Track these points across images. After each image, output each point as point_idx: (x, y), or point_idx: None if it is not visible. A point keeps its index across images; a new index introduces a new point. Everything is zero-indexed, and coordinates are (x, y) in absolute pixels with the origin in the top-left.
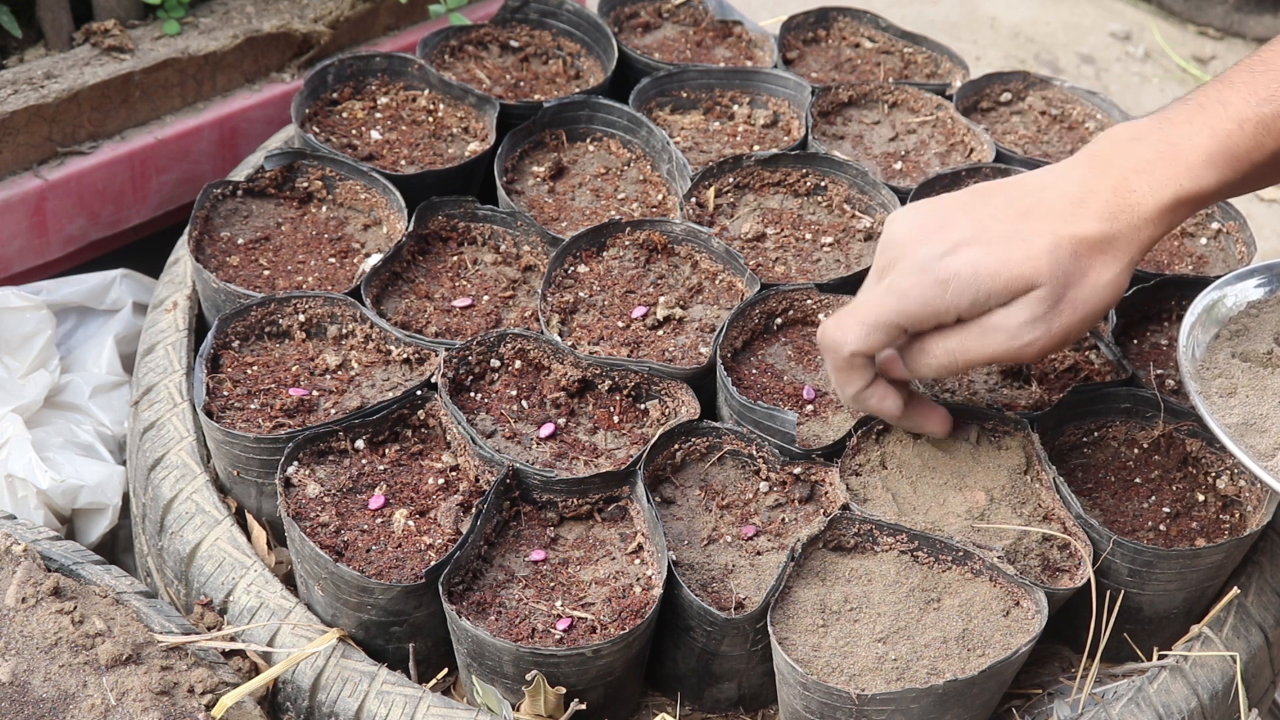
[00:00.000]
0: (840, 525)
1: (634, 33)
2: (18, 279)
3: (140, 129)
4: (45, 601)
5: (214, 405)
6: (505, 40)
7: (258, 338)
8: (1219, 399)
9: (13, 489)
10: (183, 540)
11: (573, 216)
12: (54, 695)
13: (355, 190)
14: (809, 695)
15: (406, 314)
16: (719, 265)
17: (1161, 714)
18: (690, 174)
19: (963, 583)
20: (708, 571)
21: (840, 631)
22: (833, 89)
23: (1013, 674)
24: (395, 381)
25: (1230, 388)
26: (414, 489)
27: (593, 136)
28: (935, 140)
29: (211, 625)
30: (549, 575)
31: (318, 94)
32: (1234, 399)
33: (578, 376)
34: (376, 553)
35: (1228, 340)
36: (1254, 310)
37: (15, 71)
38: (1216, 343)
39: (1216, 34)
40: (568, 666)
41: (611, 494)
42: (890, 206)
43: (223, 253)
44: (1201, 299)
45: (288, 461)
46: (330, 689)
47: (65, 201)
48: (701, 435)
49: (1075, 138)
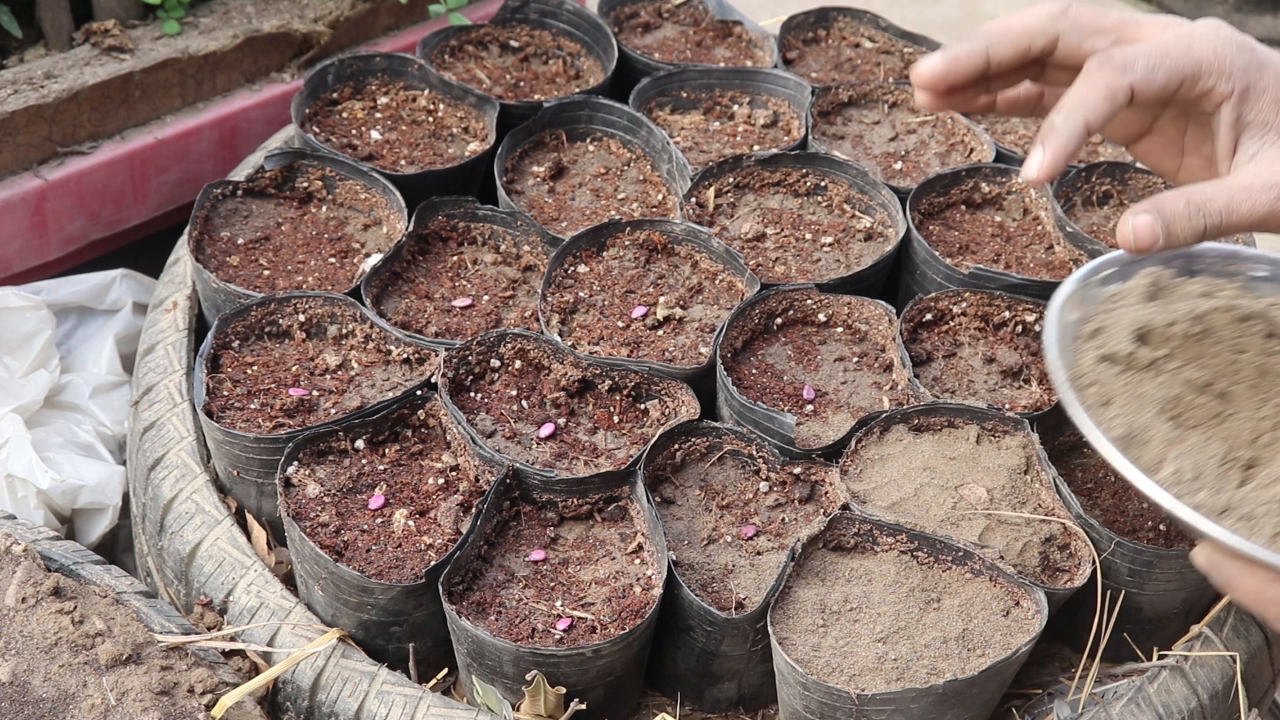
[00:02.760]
0: (840, 525)
1: (634, 33)
2: (18, 279)
3: (140, 129)
4: (45, 601)
5: (214, 405)
6: (505, 40)
7: (258, 338)
8: (1097, 410)
9: (13, 489)
10: (183, 540)
11: (573, 216)
12: (54, 695)
13: (355, 190)
14: (809, 695)
15: (406, 314)
16: (719, 265)
17: (1161, 714)
18: (690, 174)
19: (963, 583)
20: (708, 571)
21: (840, 631)
22: (833, 89)
23: (1013, 674)
24: (395, 381)
25: (1105, 396)
26: (414, 489)
27: (593, 136)
28: (935, 140)
29: (211, 625)
30: (549, 575)
31: (318, 94)
32: (1111, 408)
33: (578, 376)
34: (376, 553)
35: (1087, 340)
36: (1108, 306)
37: (15, 71)
38: (1077, 344)
39: None
40: (568, 666)
41: (611, 494)
42: (890, 206)
43: (223, 253)
44: (1058, 297)
45: (288, 461)
46: (330, 689)
47: (65, 201)
48: (701, 435)
49: None
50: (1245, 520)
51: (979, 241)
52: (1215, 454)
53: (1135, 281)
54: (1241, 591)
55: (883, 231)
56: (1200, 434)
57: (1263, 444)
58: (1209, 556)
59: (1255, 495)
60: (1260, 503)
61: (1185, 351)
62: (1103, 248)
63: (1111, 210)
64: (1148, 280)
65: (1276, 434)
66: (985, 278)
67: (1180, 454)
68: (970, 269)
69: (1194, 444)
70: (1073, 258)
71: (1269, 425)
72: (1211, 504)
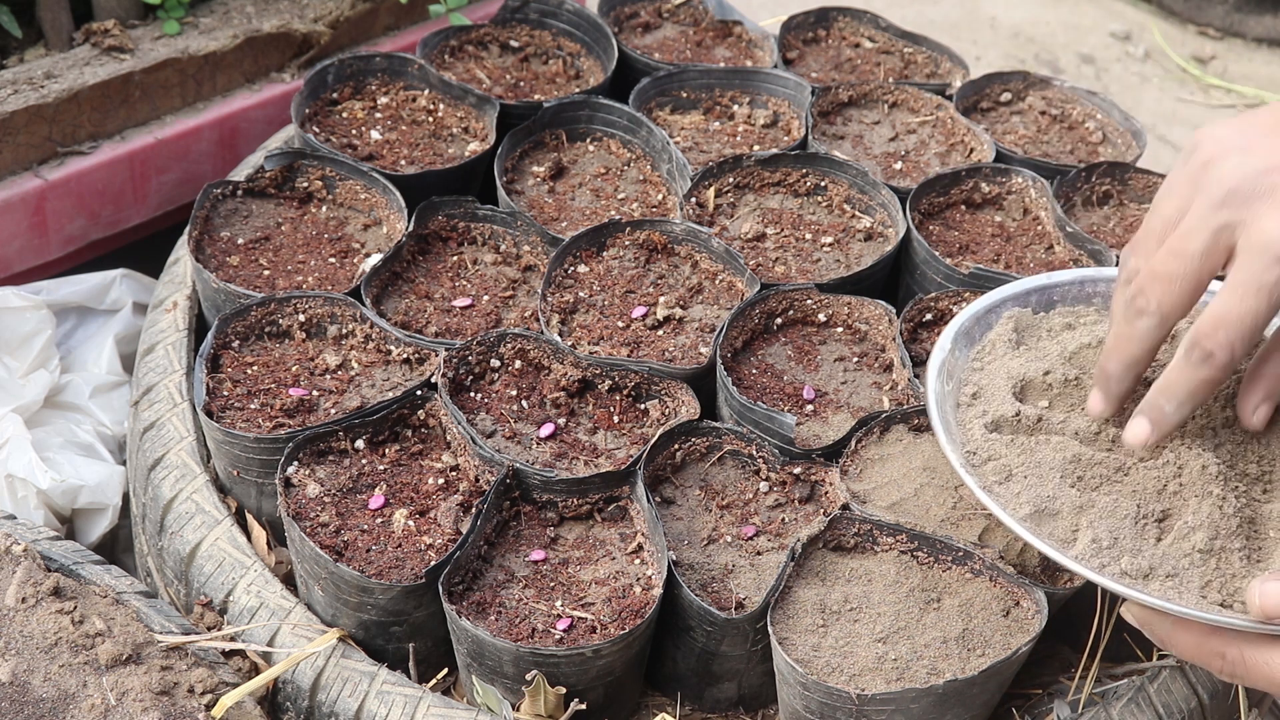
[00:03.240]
0: (840, 525)
1: (634, 33)
2: (18, 279)
3: (140, 129)
4: (45, 601)
5: (214, 405)
6: (505, 40)
7: (258, 338)
8: (999, 488)
9: (13, 489)
10: (183, 540)
11: (573, 216)
12: (54, 695)
13: (355, 190)
14: (809, 695)
15: (406, 314)
16: (719, 265)
17: (1161, 714)
18: (690, 174)
19: (963, 583)
20: (708, 571)
21: (840, 631)
22: (833, 89)
23: (1013, 674)
24: (395, 381)
25: (1004, 470)
26: (414, 489)
27: (593, 136)
28: (935, 140)
29: (211, 625)
30: (549, 575)
31: (318, 94)
32: (1014, 483)
33: (578, 376)
34: (376, 553)
35: (969, 406)
36: (976, 364)
37: (15, 71)
38: (960, 412)
39: (1216, 34)
40: (568, 666)
41: (611, 494)
42: (890, 206)
43: (223, 253)
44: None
45: (288, 461)
46: (330, 689)
47: (65, 201)
48: (701, 435)
49: (1075, 138)
50: (1171, 578)
51: (979, 241)
52: (1127, 513)
53: (999, 329)
54: (1179, 648)
55: (883, 231)
56: (1106, 494)
57: (1170, 493)
58: (1140, 615)
59: (1175, 549)
60: (1182, 555)
61: (1065, 399)
62: (1102, 248)
63: (1111, 210)
64: (1010, 325)
65: (1179, 480)
66: (985, 278)
67: (1093, 520)
68: (970, 269)
69: (1104, 507)
70: (1072, 258)
71: (1170, 472)
72: (1135, 568)
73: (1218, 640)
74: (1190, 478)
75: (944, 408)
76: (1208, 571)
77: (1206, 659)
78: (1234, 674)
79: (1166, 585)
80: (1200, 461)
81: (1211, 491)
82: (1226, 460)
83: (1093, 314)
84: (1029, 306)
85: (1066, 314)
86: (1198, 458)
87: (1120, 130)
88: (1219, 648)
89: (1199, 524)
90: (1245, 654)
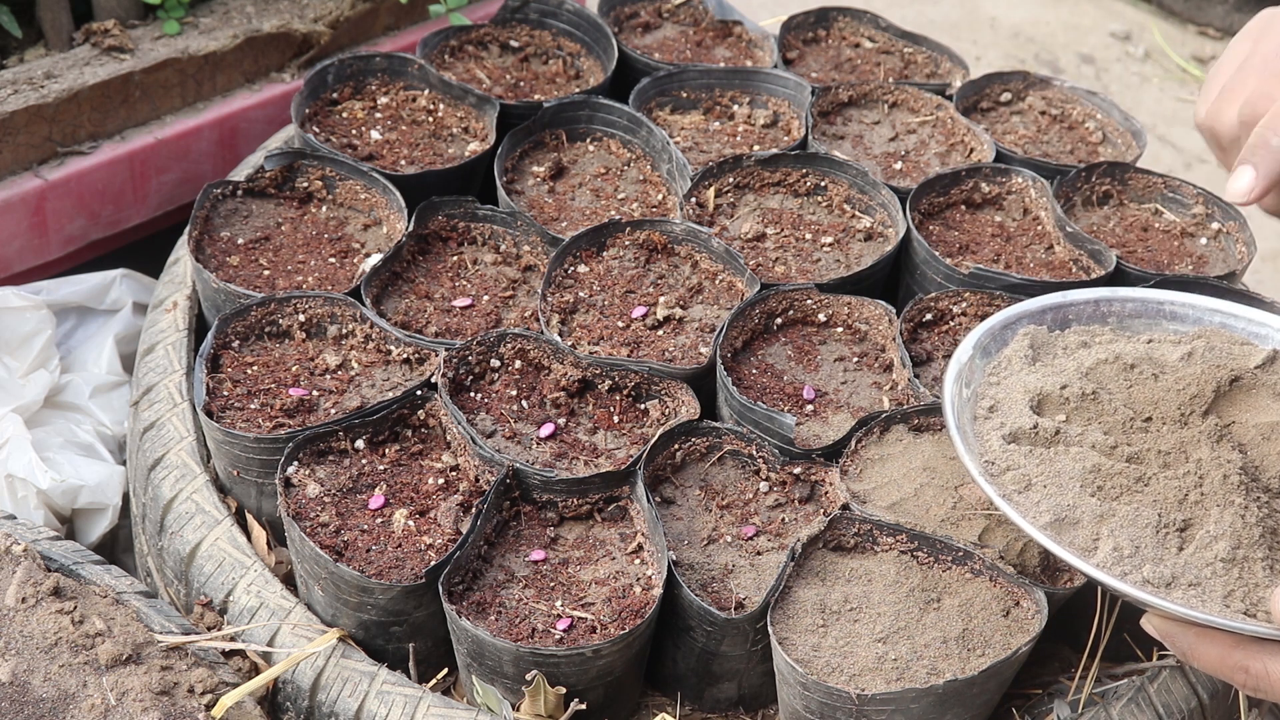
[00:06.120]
0: (840, 525)
1: (634, 33)
2: (18, 279)
3: (140, 129)
4: (45, 601)
5: (214, 405)
6: (505, 40)
7: (258, 338)
8: (1019, 497)
9: (13, 489)
10: (183, 540)
11: (573, 216)
12: (54, 695)
13: (355, 190)
14: (809, 695)
15: (406, 314)
16: (719, 265)
17: (1161, 714)
18: (690, 174)
19: (963, 583)
20: (708, 571)
21: (840, 631)
22: (833, 89)
23: (1013, 674)
24: (395, 381)
25: (1023, 480)
26: (414, 489)
27: (593, 136)
28: (935, 140)
29: (211, 625)
30: (549, 575)
31: (318, 94)
32: (1033, 492)
33: (578, 376)
34: (376, 553)
35: (986, 419)
36: (992, 379)
37: (15, 71)
38: (978, 425)
39: (1216, 34)
40: (568, 666)
41: (611, 494)
42: (890, 206)
43: (223, 253)
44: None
45: (288, 461)
46: (330, 689)
47: (65, 201)
48: (701, 435)
49: (1075, 137)
50: (1194, 587)
51: (979, 241)
52: (1149, 522)
53: (1015, 345)
54: (1202, 660)
55: (883, 231)
56: (1127, 504)
57: (1191, 502)
58: (1162, 627)
59: (1198, 558)
60: (1204, 564)
61: (1082, 414)
62: (1102, 247)
63: (1111, 210)
64: (1026, 342)
65: (1201, 490)
66: (985, 278)
67: (1114, 529)
68: (970, 269)
69: (1124, 516)
70: (1072, 258)
71: (1191, 482)
72: (1157, 576)
73: (1241, 653)
74: (1212, 487)
75: (961, 417)
76: (1230, 581)
77: (1230, 673)
78: (1258, 688)
79: (1189, 594)
80: (1222, 471)
81: (1234, 501)
82: (1248, 470)
83: (1107, 333)
84: (1044, 324)
85: (1081, 332)
86: (1219, 467)
87: (1120, 130)
88: (1242, 661)
89: (1221, 533)
90: (1269, 667)
